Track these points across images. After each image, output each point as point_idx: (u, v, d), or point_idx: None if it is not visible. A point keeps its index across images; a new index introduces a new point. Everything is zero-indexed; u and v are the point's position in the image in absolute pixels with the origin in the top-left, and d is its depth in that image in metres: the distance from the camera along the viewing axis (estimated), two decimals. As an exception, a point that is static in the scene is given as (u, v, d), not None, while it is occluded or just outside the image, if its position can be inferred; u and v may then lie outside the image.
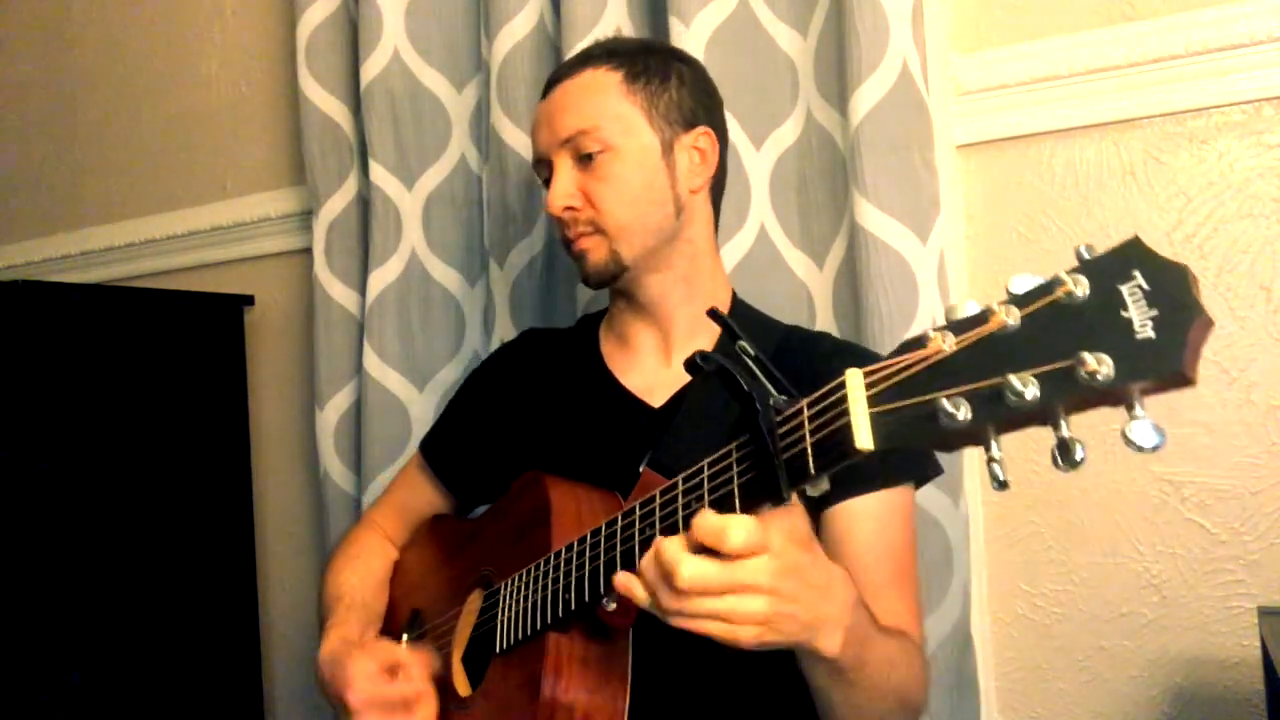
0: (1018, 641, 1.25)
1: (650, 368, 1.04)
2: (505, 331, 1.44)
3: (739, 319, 1.03)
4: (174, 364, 1.68)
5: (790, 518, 0.68)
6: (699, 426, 0.91)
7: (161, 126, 1.96)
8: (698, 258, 1.03)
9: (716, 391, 0.93)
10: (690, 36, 1.25)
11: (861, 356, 1.01)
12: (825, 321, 1.28)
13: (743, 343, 0.71)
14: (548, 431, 1.06)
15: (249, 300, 1.81)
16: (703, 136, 1.02)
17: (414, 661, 0.94)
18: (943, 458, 1.17)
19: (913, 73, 1.17)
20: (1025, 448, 1.23)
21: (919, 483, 1.00)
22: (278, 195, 1.80)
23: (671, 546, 0.67)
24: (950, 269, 1.21)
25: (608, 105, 1.00)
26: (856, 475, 0.91)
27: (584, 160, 0.99)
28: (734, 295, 1.07)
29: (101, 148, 2.04)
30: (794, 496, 0.65)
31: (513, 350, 1.18)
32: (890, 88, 1.16)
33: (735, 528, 0.64)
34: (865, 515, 0.92)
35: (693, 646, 0.71)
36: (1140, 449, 0.48)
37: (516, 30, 1.39)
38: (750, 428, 0.66)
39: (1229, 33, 1.12)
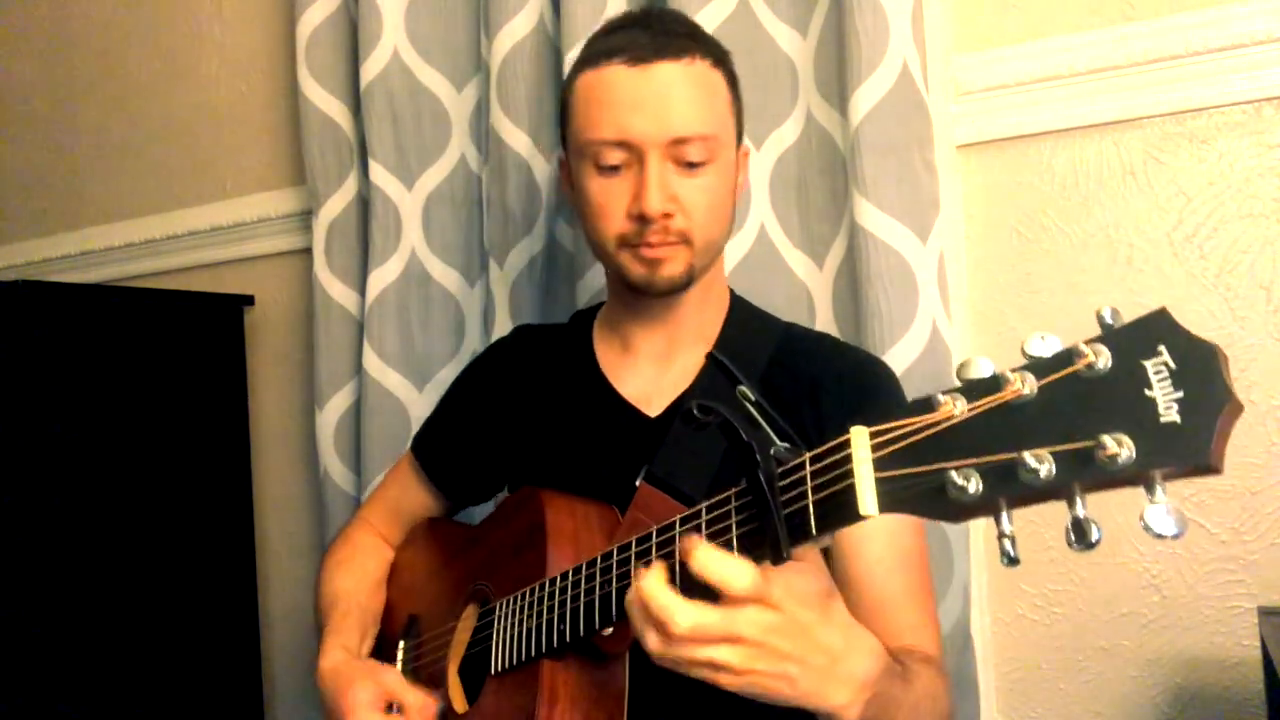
0: (1018, 641, 1.25)
1: (648, 374, 1.02)
2: (505, 331, 1.44)
3: (738, 319, 1.03)
4: (174, 364, 1.68)
5: (803, 574, 0.65)
6: (696, 440, 0.90)
7: (161, 126, 1.96)
8: (720, 265, 1.03)
9: (715, 399, 0.93)
10: (690, 36, 1.25)
11: (862, 363, 1.00)
12: (825, 321, 1.28)
13: (743, 388, 0.69)
14: (541, 437, 1.04)
15: (249, 300, 1.81)
16: (744, 157, 1.01)
17: (411, 696, 0.93)
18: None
19: (913, 73, 1.17)
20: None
21: None
22: (278, 195, 1.80)
23: (662, 592, 0.64)
24: (950, 269, 1.21)
25: (722, 113, 0.94)
26: None
27: (685, 166, 0.91)
28: (732, 294, 1.06)
29: (101, 148, 2.04)
30: (809, 552, 0.63)
31: (505, 349, 1.16)
32: (890, 88, 1.16)
33: (743, 572, 0.62)
34: (875, 528, 0.90)
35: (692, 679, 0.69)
36: (1159, 536, 0.45)
37: (516, 30, 1.39)
38: (749, 478, 0.64)
39: (1229, 33, 1.12)
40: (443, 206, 1.53)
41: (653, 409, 0.99)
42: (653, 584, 0.65)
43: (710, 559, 0.63)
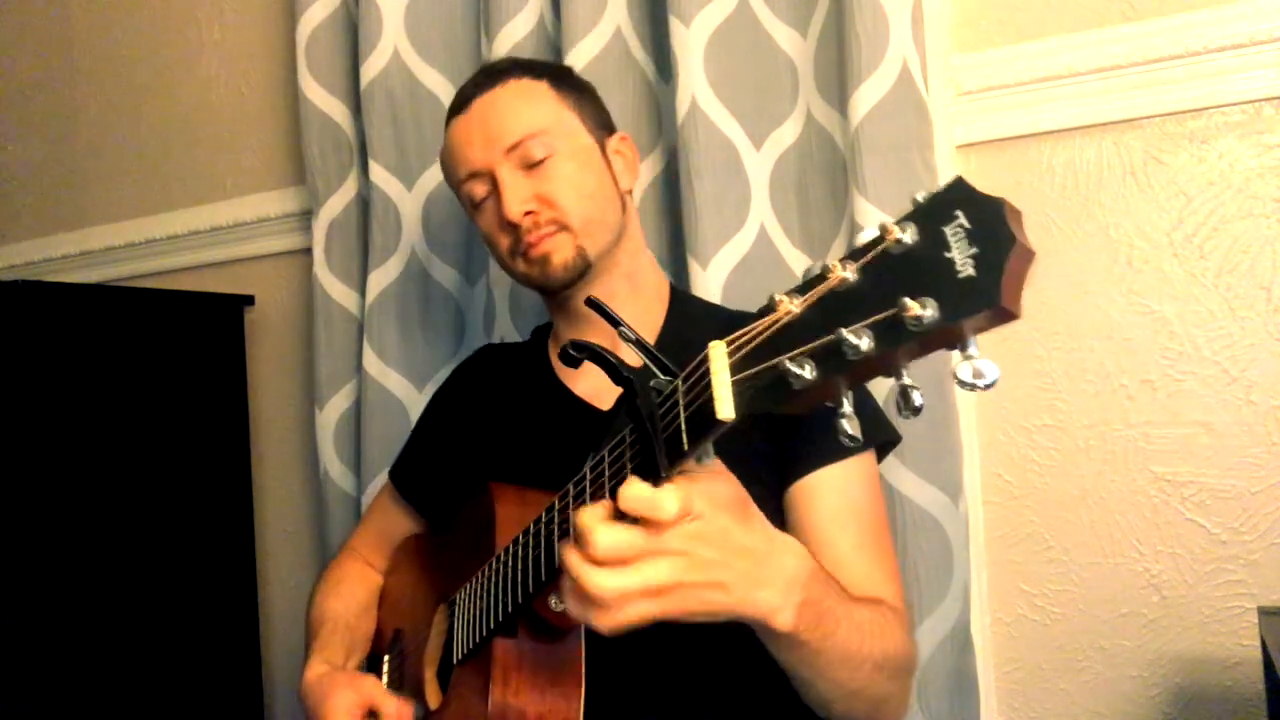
0: (1018, 641, 1.25)
1: (597, 371, 1.03)
2: (505, 331, 1.44)
3: (680, 311, 1.06)
4: (174, 364, 1.68)
5: (714, 481, 0.66)
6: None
7: (161, 126, 1.96)
8: (638, 254, 1.06)
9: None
10: (690, 36, 1.25)
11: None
12: (825, 321, 1.28)
13: (623, 329, 0.72)
14: (504, 446, 1.07)
15: (249, 300, 1.81)
16: (623, 142, 1.07)
17: (388, 703, 0.95)
18: (941, 455, 1.17)
19: (913, 73, 1.17)
20: (1024, 447, 1.23)
21: (879, 452, 1.00)
22: (278, 195, 1.80)
23: (585, 518, 0.64)
24: (950, 269, 1.21)
25: (548, 110, 1.01)
26: (812, 450, 0.92)
27: (531, 167, 0.99)
28: (673, 288, 1.09)
29: (101, 148, 2.04)
30: (716, 461, 0.65)
31: (469, 369, 1.20)
32: (890, 88, 1.16)
33: (668, 496, 0.62)
34: (825, 487, 0.92)
35: (647, 640, 0.68)
36: (973, 387, 0.48)
37: (516, 30, 1.39)
38: (629, 408, 0.66)
39: (1229, 33, 1.12)
40: (443, 206, 1.53)
41: (605, 403, 1.01)
42: (579, 517, 0.65)
43: (634, 485, 0.63)
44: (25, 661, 1.43)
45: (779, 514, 0.94)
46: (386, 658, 1.09)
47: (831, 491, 0.92)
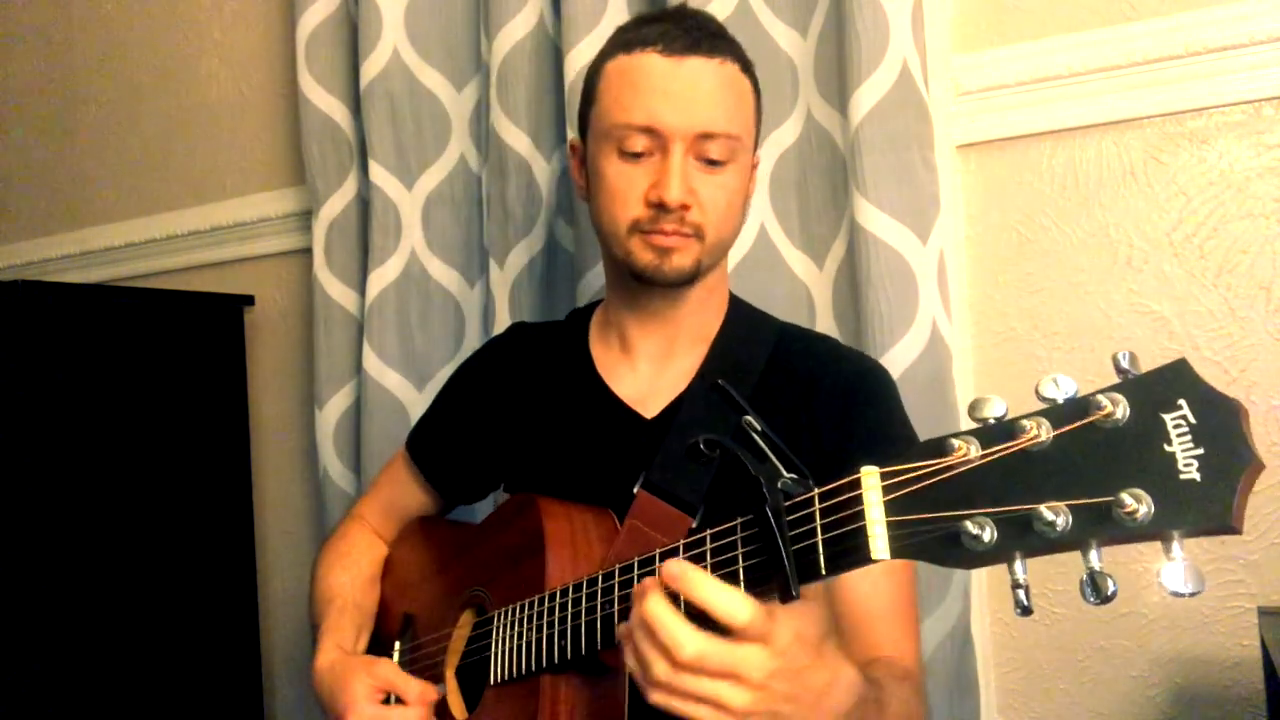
0: (1018, 641, 1.25)
1: (645, 374, 1.01)
2: (505, 331, 1.44)
3: (736, 320, 1.03)
4: (174, 364, 1.68)
5: (802, 617, 0.64)
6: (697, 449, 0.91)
7: (161, 126, 1.96)
8: (723, 270, 1.03)
9: (711, 406, 0.92)
10: (690, 36, 1.25)
11: (859, 368, 0.99)
12: (825, 321, 1.28)
13: (749, 418, 0.69)
14: (535, 437, 1.04)
15: (249, 300, 1.81)
16: (756, 168, 1.02)
17: (410, 685, 0.93)
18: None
19: (913, 73, 1.17)
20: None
21: None
22: (278, 195, 1.80)
23: (670, 619, 0.63)
24: (950, 269, 1.21)
25: (747, 119, 0.96)
26: None
27: (706, 163, 0.92)
28: (731, 295, 1.05)
29: (101, 148, 2.04)
30: (815, 589, 0.63)
31: (501, 347, 1.15)
32: (890, 88, 1.16)
33: (747, 607, 0.62)
34: None
35: None
36: (1175, 594, 0.45)
37: (516, 30, 1.39)
38: (757, 513, 0.63)
39: (1229, 33, 1.12)
40: (443, 206, 1.53)
41: (649, 410, 0.98)
42: (659, 608, 0.64)
43: (713, 589, 0.63)
44: (26, 661, 1.43)
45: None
46: (398, 645, 1.07)
47: None
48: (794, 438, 0.91)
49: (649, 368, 1.01)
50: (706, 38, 0.93)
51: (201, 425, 1.71)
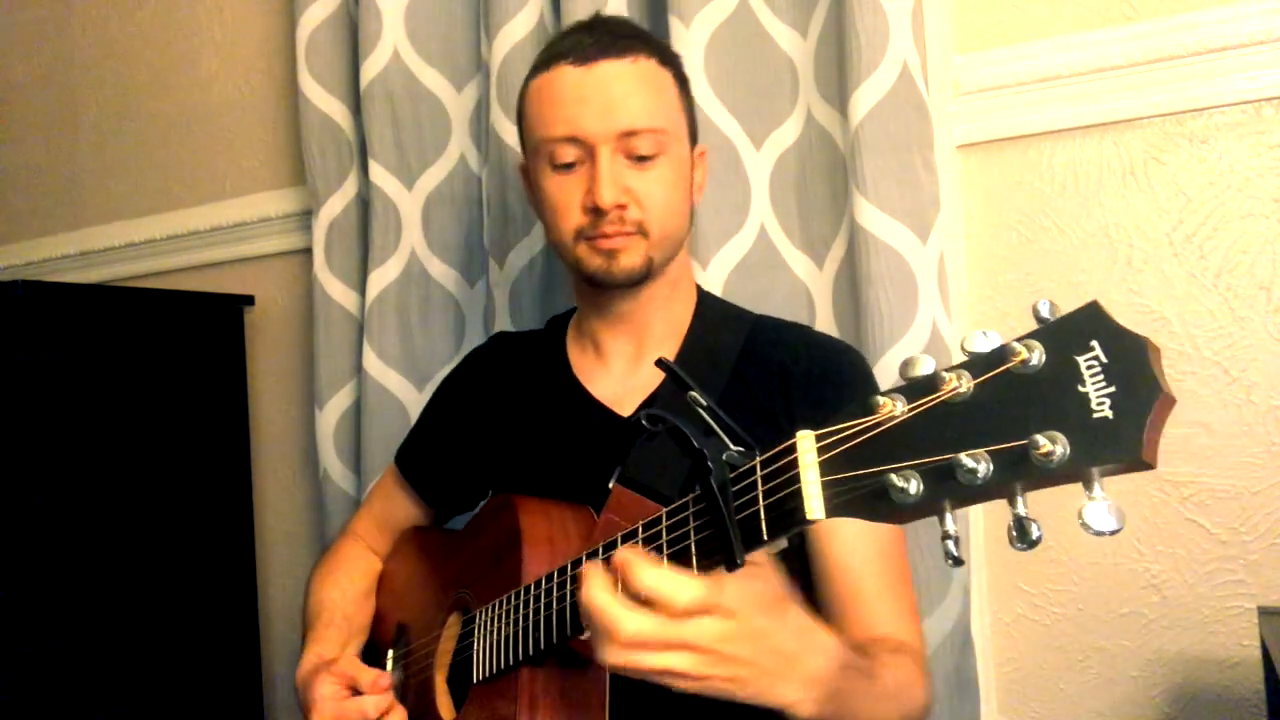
0: (1018, 641, 1.25)
1: (619, 374, 1.03)
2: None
3: (706, 315, 1.04)
4: (174, 364, 1.68)
5: (755, 579, 0.66)
6: (667, 440, 0.91)
7: (161, 126, 1.96)
8: (683, 263, 1.04)
9: (684, 402, 0.93)
10: (690, 36, 1.25)
11: (829, 352, 1.00)
12: (825, 321, 1.28)
13: (694, 393, 0.70)
14: (518, 442, 1.05)
15: (249, 300, 1.81)
16: (701, 156, 1.04)
17: (364, 676, 0.94)
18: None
19: (913, 73, 1.17)
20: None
21: None
22: (278, 195, 1.80)
23: (605, 602, 0.65)
24: (950, 269, 1.21)
25: (671, 108, 0.97)
26: None
27: (634, 159, 0.93)
28: (700, 290, 1.07)
29: (101, 148, 2.04)
30: (760, 555, 0.64)
31: (481, 357, 1.18)
32: (890, 88, 1.16)
33: (687, 588, 0.63)
34: (845, 523, 0.91)
35: None
36: (1097, 533, 0.45)
37: (516, 30, 1.39)
38: (702, 485, 0.65)
39: (1229, 33, 1.12)
40: (443, 206, 1.53)
41: (625, 409, 1.00)
42: (596, 592, 0.66)
43: (651, 576, 0.64)
44: (26, 660, 1.43)
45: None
46: (391, 653, 1.08)
47: (851, 526, 0.90)
48: (771, 425, 0.92)
49: (622, 368, 1.03)
50: (618, 40, 0.95)
51: (201, 425, 1.71)
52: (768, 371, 0.98)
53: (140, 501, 1.60)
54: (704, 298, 1.07)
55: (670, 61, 0.99)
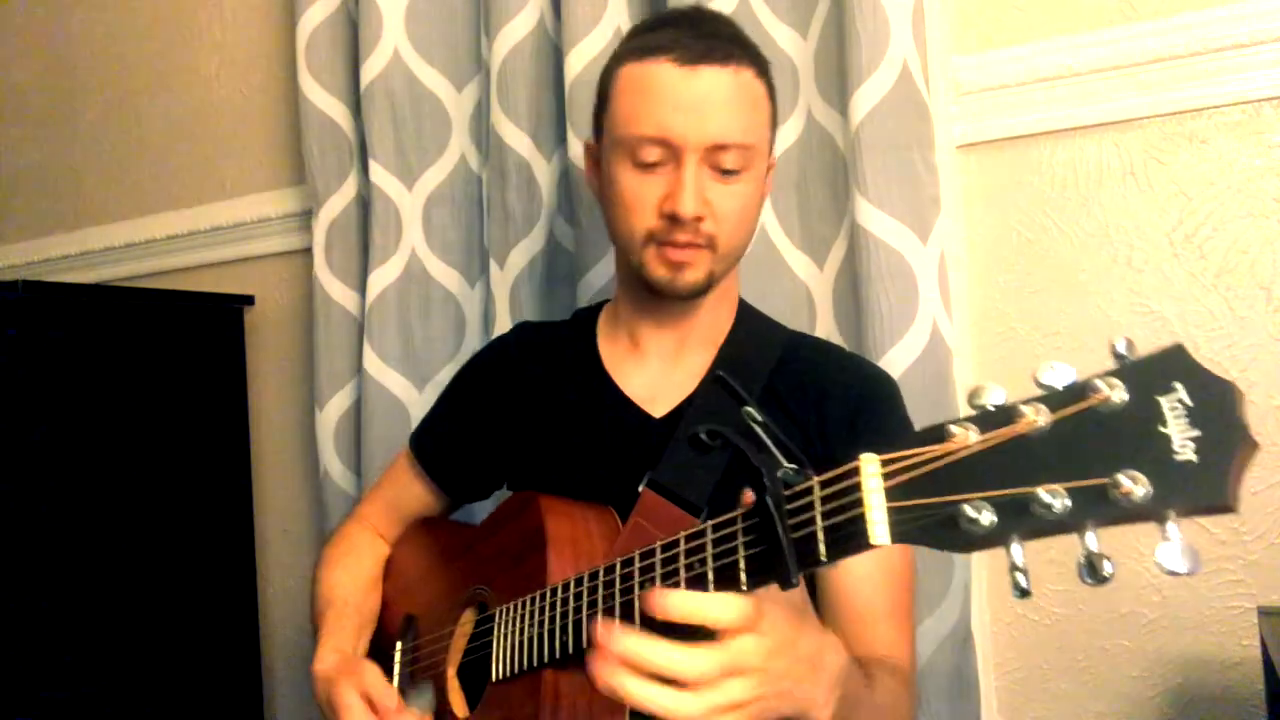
0: (1018, 641, 1.25)
1: (655, 373, 1.01)
2: (505, 332, 1.44)
3: (746, 323, 1.03)
4: (174, 364, 1.68)
5: (772, 592, 0.65)
6: (700, 449, 0.90)
7: (161, 126, 1.96)
8: (734, 273, 1.03)
9: (719, 407, 0.92)
10: (690, 36, 1.25)
11: (867, 375, 1.00)
12: (825, 321, 1.28)
13: (749, 408, 0.69)
14: (542, 434, 1.04)
15: (249, 300, 1.81)
16: (771, 171, 1.01)
17: (388, 703, 0.92)
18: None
19: (913, 73, 1.17)
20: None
21: None
22: (278, 195, 1.80)
23: (657, 649, 0.63)
24: (950, 269, 1.21)
25: (761, 125, 0.95)
26: None
27: (721, 173, 0.91)
28: (740, 299, 1.05)
29: (101, 148, 2.04)
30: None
31: (506, 345, 1.15)
32: (890, 88, 1.16)
33: (732, 607, 0.63)
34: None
35: None
36: (1171, 574, 0.45)
37: (516, 30, 1.39)
38: (757, 501, 0.64)
39: (1229, 33, 1.12)
40: (443, 206, 1.53)
41: (657, 409, 0.98)
42: (645, 648, 0.63)
43: (691, 602, 0.64)
44: (26, 660, 1.43)
45: None
46: (399, 645, 1.07)
47: (877, 552, 0.91)
48: (804, 444, 0.92)
49: (659, 366, 1.01)
50: (720, 45, 0.91)
51: (201, 425, 1.71)
52: (802, 388, 0.97)
53: (140, 501, 1.60)
54: (744, 307, 1.05)
55: (766, 73, 0.96)
